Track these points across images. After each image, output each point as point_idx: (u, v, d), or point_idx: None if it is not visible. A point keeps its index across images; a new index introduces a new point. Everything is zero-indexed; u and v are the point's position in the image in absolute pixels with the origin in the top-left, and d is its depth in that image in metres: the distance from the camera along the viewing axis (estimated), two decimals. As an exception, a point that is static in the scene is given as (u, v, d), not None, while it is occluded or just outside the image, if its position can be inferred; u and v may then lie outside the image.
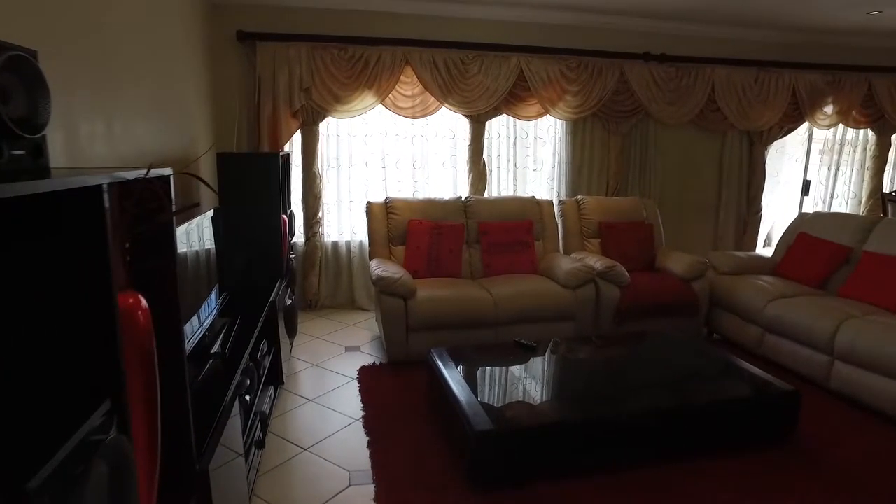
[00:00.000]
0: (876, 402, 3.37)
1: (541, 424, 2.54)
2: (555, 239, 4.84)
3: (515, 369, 3.14)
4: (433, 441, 2.91)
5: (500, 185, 5.44)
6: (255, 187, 3.67)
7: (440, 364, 3.12)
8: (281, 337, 3.49)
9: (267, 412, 2.94)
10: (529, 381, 2.99)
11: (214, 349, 2.32)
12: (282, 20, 4.67)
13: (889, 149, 6.57)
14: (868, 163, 6.58)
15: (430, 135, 5.29)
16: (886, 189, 6.68)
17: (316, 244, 5.02)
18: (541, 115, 5.34)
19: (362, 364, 3.91)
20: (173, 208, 1.46)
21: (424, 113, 5.06)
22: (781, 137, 6.04)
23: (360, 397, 3.42)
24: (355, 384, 3.61)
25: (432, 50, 4.90)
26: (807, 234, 4.67)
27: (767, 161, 6.06)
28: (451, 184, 5.39)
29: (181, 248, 2.10)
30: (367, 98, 4.84)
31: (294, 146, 4.93)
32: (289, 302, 3.84)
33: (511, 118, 5.36)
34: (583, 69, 5.28)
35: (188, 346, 1.94)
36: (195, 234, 2.39)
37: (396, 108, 4.97)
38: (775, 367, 3.99)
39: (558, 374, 3.16)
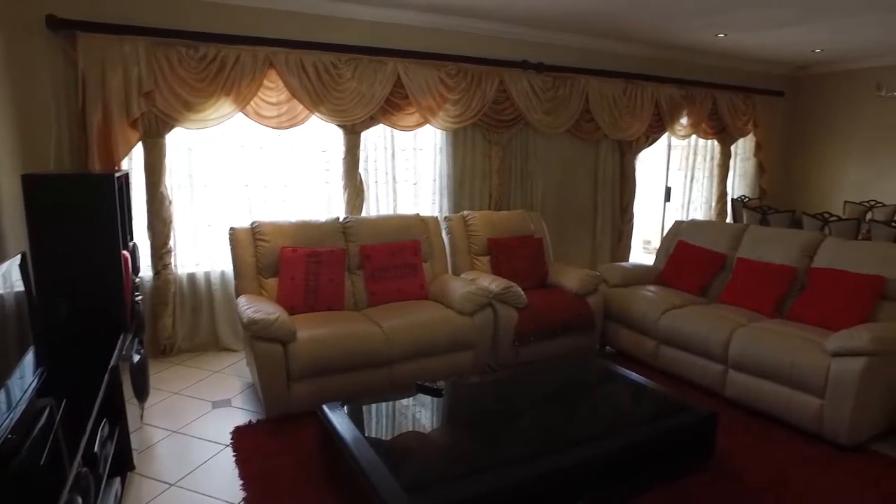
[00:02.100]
0: (768, 408, 3.45)
1: (471, 497, 2.16)
2: (443, 259, 4.51)
3: (426, 421, 2.74)
4: (334, 522, 2.42)
5: (378, 202, 5.00)
6: (82, 218, 2.88)
7: (336, 424, 2.62)
8: (127, 404, 2.76)
9: (112, 517, 2.26)
10: (446, 439, 2.60)
11: (25, 456, 1.65)
12: (111, 7, 3.82)
13: (730, 158, 7.13)
14: (716, 171, 7.08)
15: (300, 147, 4.71)
16: (733, 195, 7.24)
17: (167, 278, 4.22)
18: (420, 124, 5.00)
19: (235, 424, 3.27)
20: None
21: (293, 123, 4.48)
22: (648, 147, 6.26)
23: (236, 470, 2.80)
24: (229, 453, 2.97)
25: (300, 52, 4.35)
26: (685, 241, 4.79)
27: (635, 169, 6.25)
28: (325, 202, 4.85)
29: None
30: (225, 106, 4.16)
31: (135, 163, 4.10)
32: (137, 357, 3.10)
33: (389, 128, 4.95)
34: (462, 76, 5.02)
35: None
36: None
37: (260, 118, 4.34)
38: (672, 379, 3.98)
39: (476, 426, 2.79)
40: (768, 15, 4.71)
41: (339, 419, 2.65)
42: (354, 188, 4.81)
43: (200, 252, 4.45)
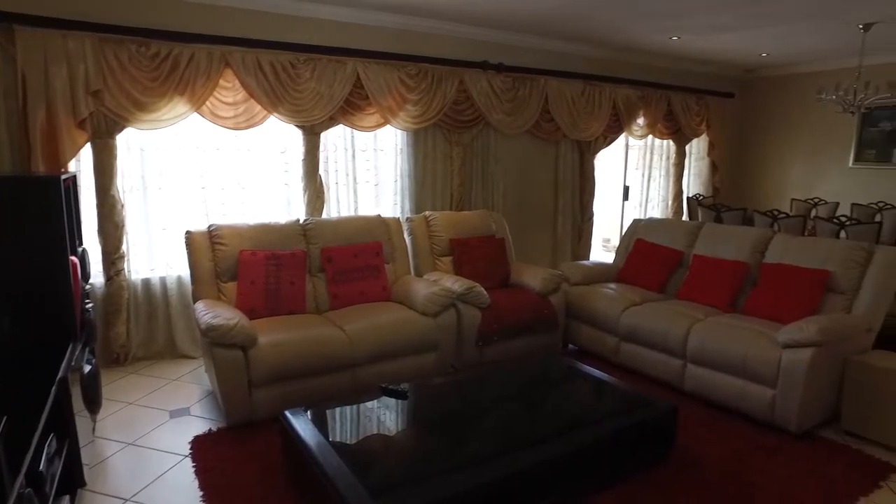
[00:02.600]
0: (724, 399, 3.55)
1: (437, 500, 2.15)
2: (405, 260, 4.49)
3: (390, 424, 2.72)
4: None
5: (339, 204, 4.94)
6: (26, 222, 2.74)
7: (299, 431, 2.57)
8: (78, 417, 2.65)
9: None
10: (411, 441, 2.58)
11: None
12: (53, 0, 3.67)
13: (685, 157, 7.32)
14: (671, 170, 7.26)
15: (259, 148, 4.62)
16: (689, 193, 7.43)
17: (121, 284, 4.07)
18: (381, 125, 4.96)
19: (195, 433, 3.17)
20: None
21: (250, 123, 4.39)
22: (606, 147, 6.37)
23: (196, 482, 2.72)
24: (188, 463, 2.89)
25: (257, 51, 4.26)
26: (643, 240, 4.89)
27: (594, 169, 6.35)
28: (284, 204, 4.76)
29: None
30: (179, 106, 4.04)
31: (83, 164, 3.94)
32: (88, 367, 2.98)
33: (349, 129, 4.90)
34: (423, 77, 5.01)
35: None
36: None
37: (216, 118, 4.23)
38: (633, 374, 4.06)
39: (441, 428, 2.78)
40: (714, 21, 4.87)
41: (302, 425, 2.60)
42: (315, 190, 4.74)
43: (155, 257, 4.30)
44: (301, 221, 4.20)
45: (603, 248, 7.92)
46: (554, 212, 6.21)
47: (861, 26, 5.07)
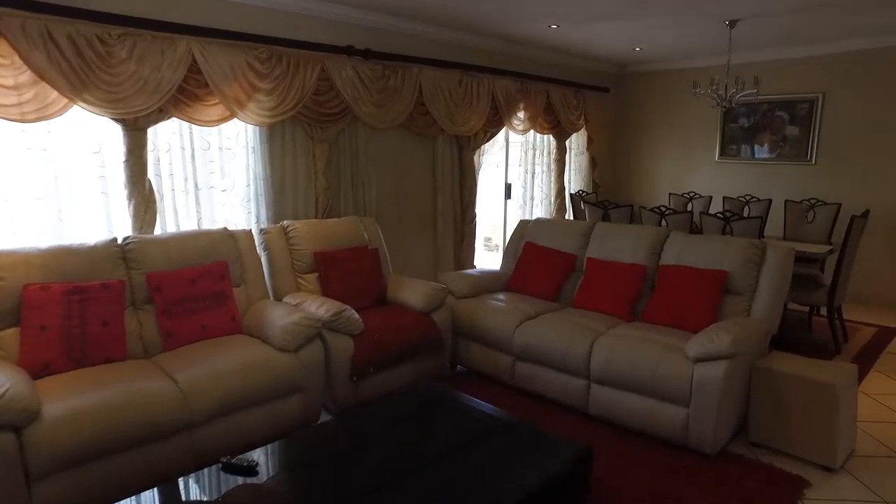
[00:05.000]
0: (633, 422, 3.21)
1: None
2: (260, 281, 3.71)
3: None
4: None
5: (177, 215, 4.03)
6: None
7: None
8: None
9: None
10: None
11: None
12: None
13: (566, 153, 7.13)
14: (553, 166, 7.03)
15: (61, 147, 3.60)
16: (571, 190, 7.25)
17: None
18: (226, 118, 4.10)
19: (-57, 556, 2.23)
20: None
21: (43, 115, 3.36)
22: (486, 142, 5.94)
23: None
24: None
25: (46, 17, 3.25)
26: (533, 243, 4.47)
27: (475, 166, 5.91)
28: (104, 218, 3.77)
29: None
30: (-79, 89, 2.96)
31: None
32: None
33: (186, 123, 4.00)
34: (277, 62, 4.23)
35: None
36: None
37: (-12, 107, 3.19)
38: (531, 397, 3.62)
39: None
40: (588, 8, 4.60)
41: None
42: (143, 198, 3.79)
43: None
44: (120, 241, 3.29)
45: (485, 248, 7.53)
46: (433, 214, 5.67)
47: (727, 22, 5.05)
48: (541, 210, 6.95)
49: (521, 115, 6.21)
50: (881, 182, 5.87)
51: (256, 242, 3.83)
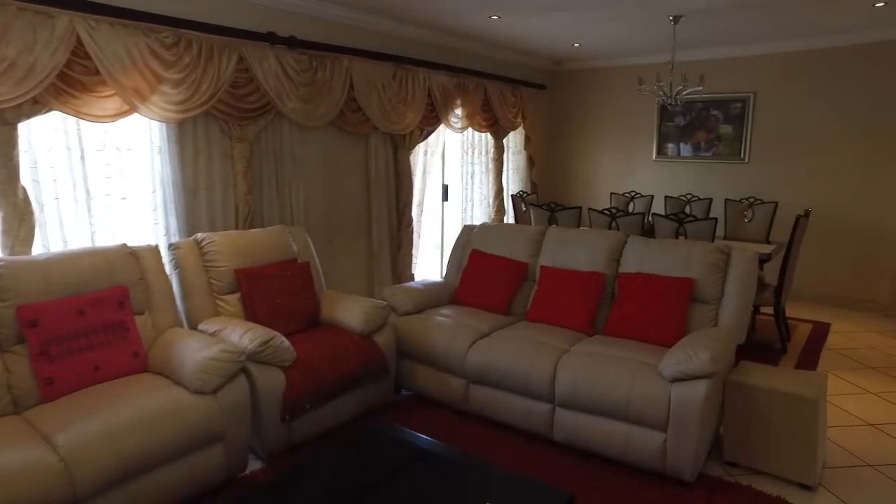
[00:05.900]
0: (605, 449, 2.90)
1: None
2: (170, 307, 3.12)
3: None
4: None
5: (63, 229, 3.37)
6: None
7: None
8: None
9: None
10: None
11: None
12: None
13: (504, 152, 6.84)
14: (491, 165, 6.73)
15: None
16: (510, 190, 6.97)
17: None
18: (124, 113, 3.47)
19: None
20: None
21: None
22: (422, 140, 5.53)
23: None
24: None
25: None
26: (479, 251, 4.11)
27: (411, 167, 5.49)
28: (-37, 233, 3.07)
29: None
30: None
31: None
32: None
33: (72, 118, 3.35)
34: (186, 48, 3.63)
35: None
36: None
37: None
38: (488, 424, 3.25)
39: None
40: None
41: None
42: (14, 209, 3.11)
43: None
44: (-19, 264, 2.63)
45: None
46: (368, 220, 5.20)
47: (671, 18, 4.91)
48: (480, 212, 6.62)
49: (458, 111, 5.85)
50: (812, 181, 5.94)
51: (165, 260, 3.24)
